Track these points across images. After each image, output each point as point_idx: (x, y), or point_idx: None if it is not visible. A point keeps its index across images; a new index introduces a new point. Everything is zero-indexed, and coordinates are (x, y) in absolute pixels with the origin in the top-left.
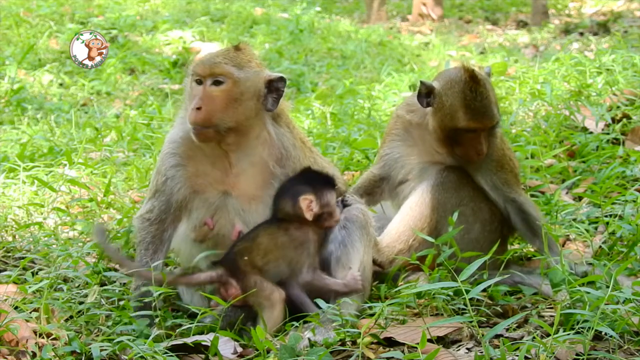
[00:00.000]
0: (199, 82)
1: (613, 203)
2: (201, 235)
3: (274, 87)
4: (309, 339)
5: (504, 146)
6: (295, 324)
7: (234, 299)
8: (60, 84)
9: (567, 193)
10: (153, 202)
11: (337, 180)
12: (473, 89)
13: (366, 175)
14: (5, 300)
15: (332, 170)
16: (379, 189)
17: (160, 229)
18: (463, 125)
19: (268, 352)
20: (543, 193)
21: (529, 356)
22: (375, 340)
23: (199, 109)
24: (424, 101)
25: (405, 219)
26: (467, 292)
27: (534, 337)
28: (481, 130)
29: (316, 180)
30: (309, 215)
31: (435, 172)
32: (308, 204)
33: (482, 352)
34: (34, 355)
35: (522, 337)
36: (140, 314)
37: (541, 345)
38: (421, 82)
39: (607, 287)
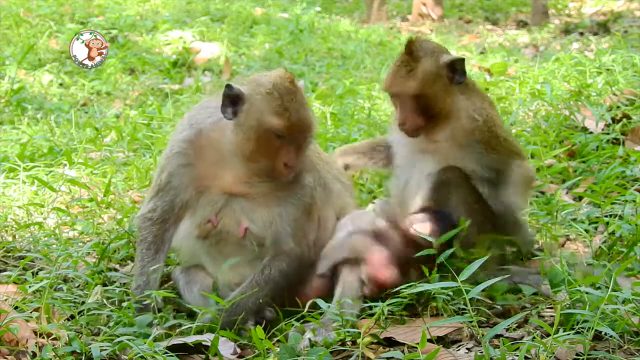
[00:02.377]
0: (282, 136)
1: (613, 203)
2: (204, 232)
3: None
4: (309, 339)
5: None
6: (296, 324)
7: None
8: (60, 84)
9: (567, 193)
10: (156, 202)
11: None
12: None
13: (380, 137)
14: (5, 300)
15: (345, 187)
16: (382, 152)
17: (162, 229)
18: None
19: (268, 352)
20: (543, 193)
21: (529, 356)
22: (375, 340)
23: (292, 167)
24: None
25: None
26: (467, 292)
27: (534, 337)
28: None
29: None
30: None
31: (427, 175)
32: None
33: (482, 352)
34: (34, 355)
35: (522, 337)
36: (140, 315)
37: (541, 345)
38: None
39: (607, 287)
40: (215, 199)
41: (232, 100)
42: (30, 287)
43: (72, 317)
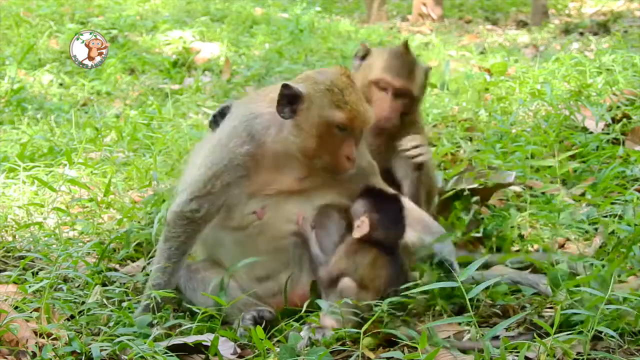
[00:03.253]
0: (344, 129)
1: (613, 203)
2: (246, 223)
3: None
4: (308, 337)
5: None
6: (295, 324)
7: None
8: (60, 84)
9: (566, 193)
10: (202, 203)
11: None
12: None
13: None
14: (5, 300)
15: None
16: None
17: (197, 230)
18: None
19: (268, 352)
20: (543, 193)
21: (529, 356)
22: (376, 341)
23: (353, 159)
24: None
25: None
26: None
27: (533, 337)
28: None
29: None
30: None
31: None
32: None
33: (482, 352)
34: (34, 355)
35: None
36: (145, 312)
37: (541, 345)
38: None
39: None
40: (263, 197)
41: (290, 100)
42: (30, 287)
43: (72, 317)
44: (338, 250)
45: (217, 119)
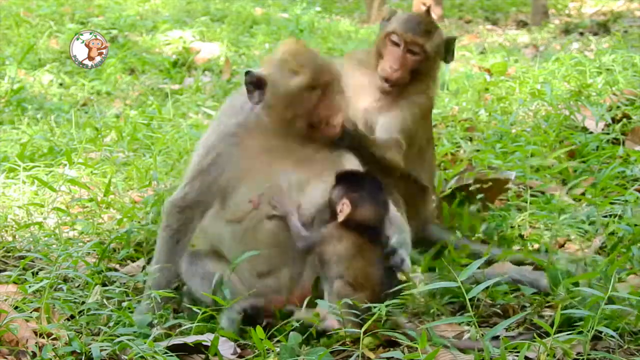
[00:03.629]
0: (314, 89)
1: (612, 203)
2: (242, 213)
3: None
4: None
5: None
6: (295, 324)
7: None
8: (60, 84)
9: (566, 193)
10: (193, 185)
11: None
12: None
13: None
14: (5, 300)
15: None
16: None
17: (190, 217)
18: None
19: (268, 352)
20: (543, 193)
21: (529, 356)
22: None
23: (334, 120)
24: None
25: None
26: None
27: (533, 337)
28: None
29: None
30: None
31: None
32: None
33: (482, 352)
34: (34, 355)
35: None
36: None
37: (541, 345)
38: None
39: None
40: (260, 180)
41: (257, 86)
42: (30, 287)
43: (72, 317)
44: (321, 231)
45: None
